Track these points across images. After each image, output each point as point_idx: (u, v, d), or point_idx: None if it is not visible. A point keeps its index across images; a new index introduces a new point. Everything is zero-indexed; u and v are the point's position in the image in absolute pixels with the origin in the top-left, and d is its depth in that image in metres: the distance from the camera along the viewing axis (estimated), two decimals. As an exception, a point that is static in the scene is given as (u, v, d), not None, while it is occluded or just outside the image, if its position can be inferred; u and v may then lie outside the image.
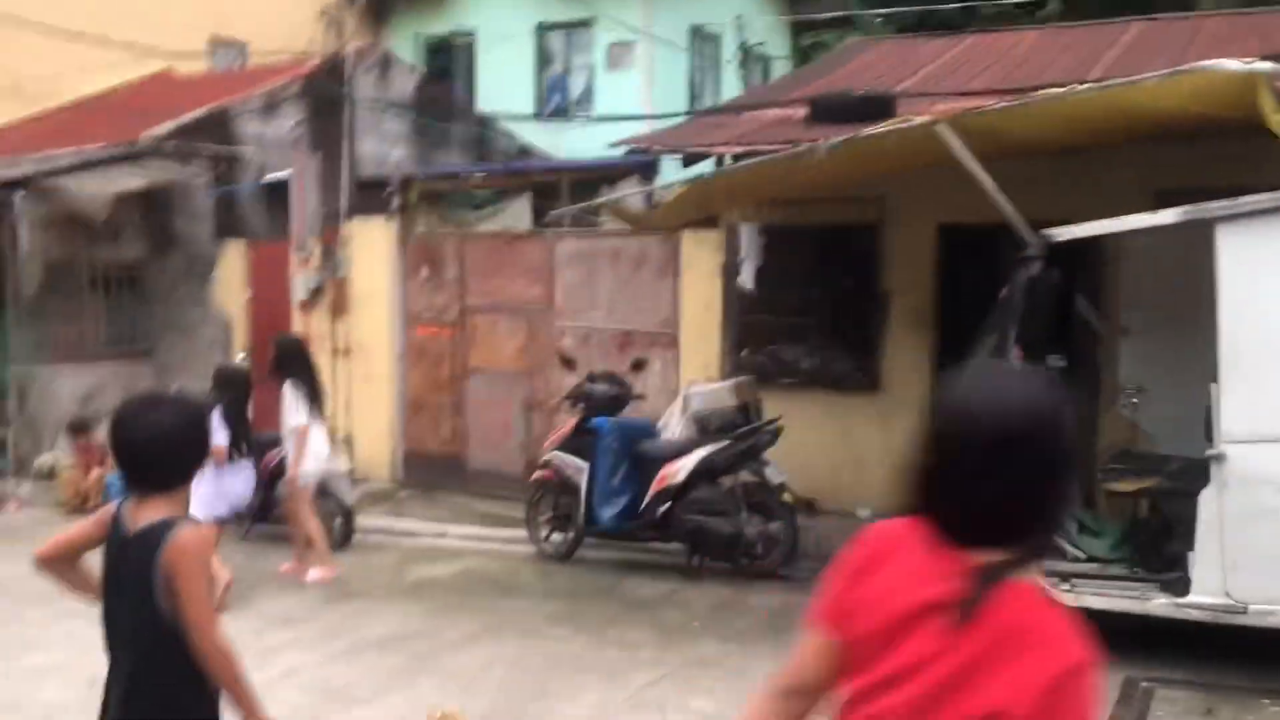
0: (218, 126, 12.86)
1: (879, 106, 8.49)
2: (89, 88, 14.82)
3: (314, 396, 8.01)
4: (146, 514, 2.91)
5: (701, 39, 17.32)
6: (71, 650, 6.47)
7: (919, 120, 6.35)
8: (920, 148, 6.38)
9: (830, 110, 8.93)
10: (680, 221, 8.78)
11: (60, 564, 3.08)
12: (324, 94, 11.76)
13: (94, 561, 3.05)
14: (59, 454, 11.31)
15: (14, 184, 11.28)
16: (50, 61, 14.25)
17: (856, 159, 6.76)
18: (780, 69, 18.52)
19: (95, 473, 10.66)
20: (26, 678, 6.01)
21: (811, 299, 9.30)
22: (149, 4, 15.79)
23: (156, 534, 2.83)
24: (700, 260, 9.51)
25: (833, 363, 9.24)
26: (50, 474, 11.10)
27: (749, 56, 17.96)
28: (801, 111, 9.49)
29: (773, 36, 19.12)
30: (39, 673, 6.09)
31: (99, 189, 11.29)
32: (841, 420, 9.09)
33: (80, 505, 10.63)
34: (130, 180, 11.64)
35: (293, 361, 8.03)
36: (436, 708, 5.25)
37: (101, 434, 11.04)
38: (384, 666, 6.03)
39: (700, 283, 9.52)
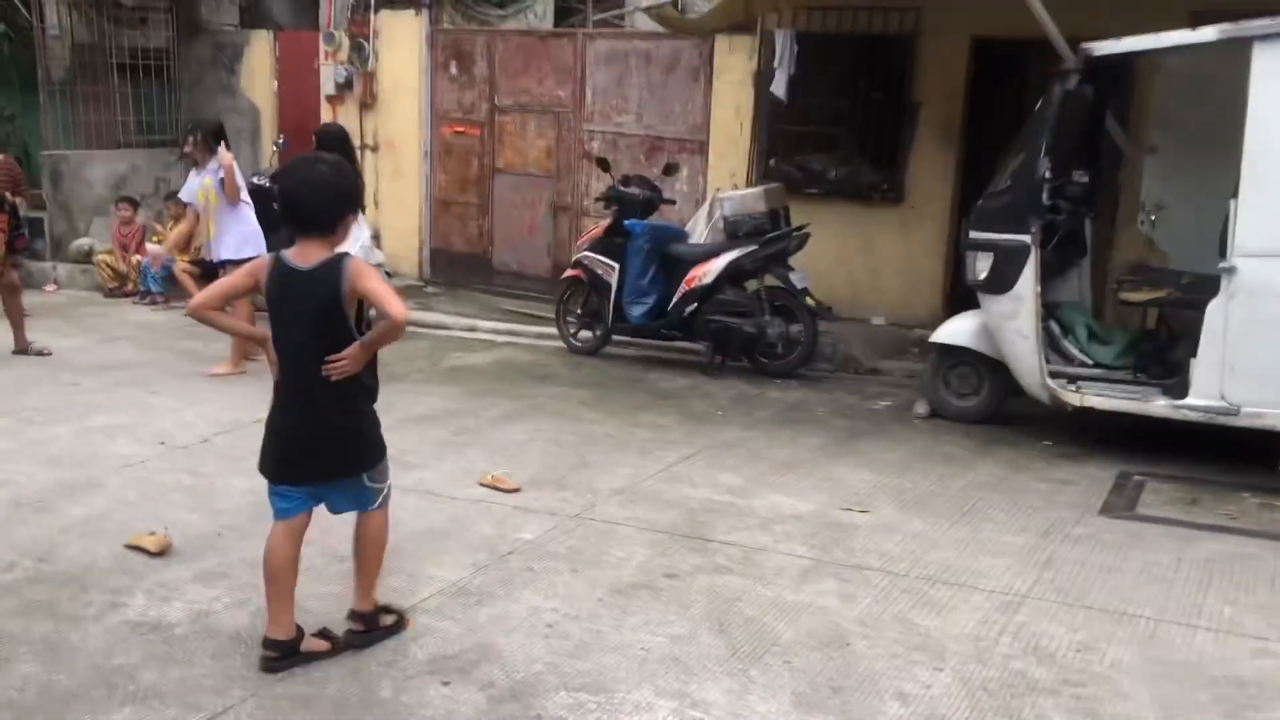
0: (241, -90, 12.59)
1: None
2: None
3: None
4: (313, 254, 3.55)
5: None
6: (133, 413, 6.93)
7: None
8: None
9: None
10: (724, 23, 8.75)
11: (214, 310, 3.72)
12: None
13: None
14: (94, 239, 11.59)
15: (40, -39, 11.16)
16: None
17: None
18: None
19: (133, 258, 10.96)
20: (98, 435, 6.45)
21: (842, 109, 9.38)
22: None
23: (335, 262, 3.54)
24: (733, 66, 9.54)
25: (859, 174, 9.40)
26: (87, 257, 11.40)
27: None
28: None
29: None
30: (107, 431, 6.53)
31: (126, -30, 11.17)
32: (864, 231, 9.33)
33: (119, 288, 11.00)
34: (155, -39, 11.49)
35: (336, 151, 8.20)
36: (487, 472, 5.73)
37: (143, 215, 11.31)
38: (431, 438, 6.46)
39: (732, 89, 9.57)
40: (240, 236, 7.94)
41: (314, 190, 3.53)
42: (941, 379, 7.13)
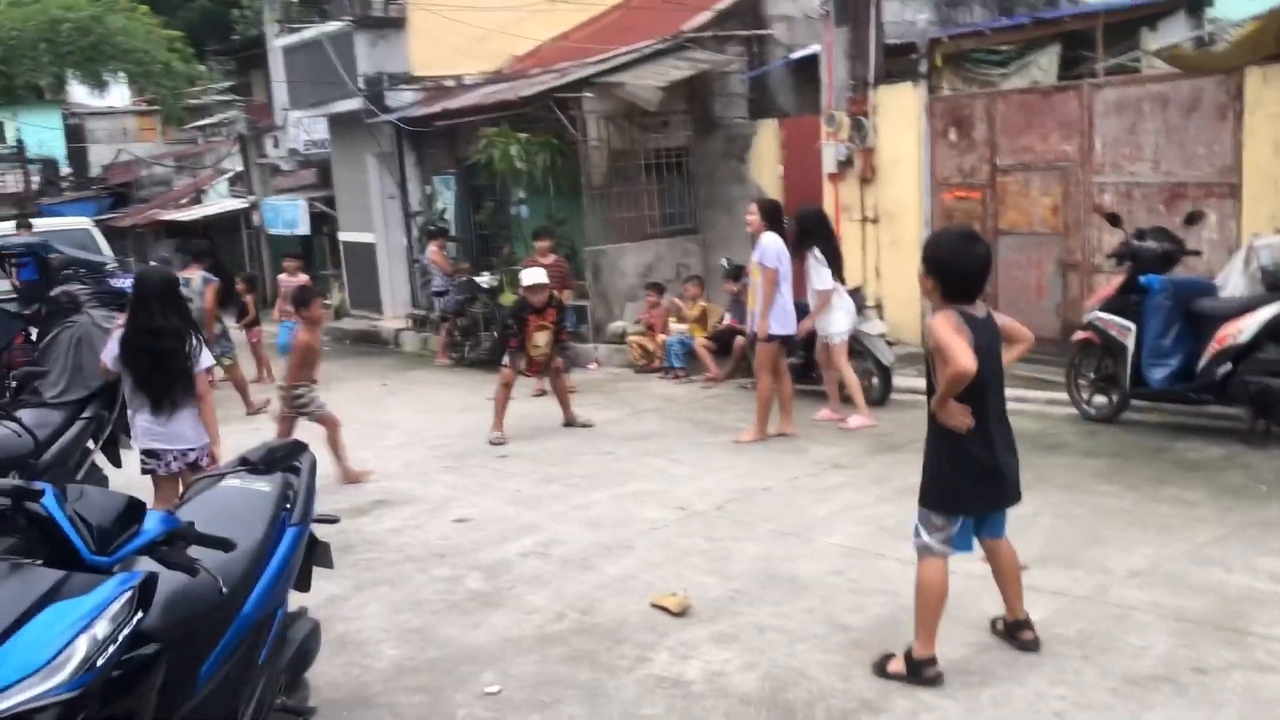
0: (749, 10, 13.59)
1: None
2: (633, -11, 16.29)
3: (835, 263, 8.78)
4: (980, 309, 4.24)
5: None
6: (658, 480, 7.62)
7: None
8: None
9: None
10: (1249, 60, 7.92)
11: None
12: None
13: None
14: (626, 322, 12.95)
15: (581, 84, 12.83)
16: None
17: None
18: None
19: (659, 338, 12.10)
20: (629, 500, 7.18)
21: None
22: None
23: (989, 312, 4.30)
24: (1270, 99, 8.56)
25: None
26: (621, 338, 12.76)
27: None
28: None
29: None
30: (637, 497, 7.25)
31: (651, 81, 12.49)
32: None
33: (647, 364, 12.16)
34: (676, 71, 12.73)
35: (815, 231, 8.67)
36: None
37: (667, 298, 12.46)
38: (933, 509, 6.41)
39: (1268, 124, 8.58)
40: (784, 314, 8.41)
41: (988, 261, 4.23)
42: None
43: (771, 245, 8.29)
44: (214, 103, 34.13)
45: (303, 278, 13.85)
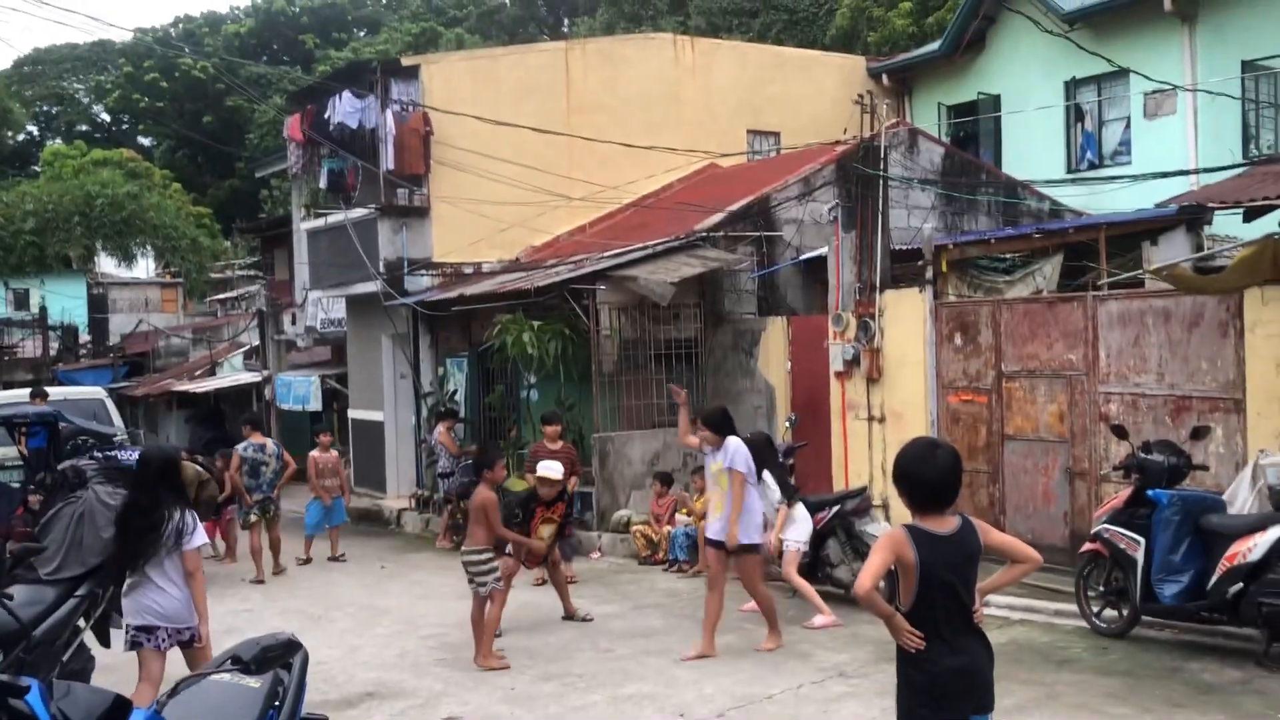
0: (760, 213, 14.07)
1: None
2: (649, 188, 16.92)
3: (784, 483, 9.49)
4: (947, 523, 4.14)
5: (1256, 75, 15.82)
6: (659, 683, 7.41)
7: None
8: None
9: None
10: (1246, 284, 8.14)
11: (875, 592, 4.18)
12: (858, 175, 12.42)
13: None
14: (632, 510, 12.87)
15: (595, 276, 13.17)
16: (618, 171, 16.55)
17: None
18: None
19: (665, 529, 11.99)
20: (628, 704, 6.96)
21: None
22: (694, 111, 17.81)
23: (970, 525, 4.19)
24: (1268, 319, 8.72)
25: None
26: (625, 527, 12.65)
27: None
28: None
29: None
30: (636, 700, 7.03)
31: (663, 277, 12.82)
32: None
33: (650, 555, 12.02)
34: (688, 268, 13.07)
35: (764, 454, 9.12)
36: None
37: (675, 489, 12.41)
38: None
39: (1270, 342, 8.72)
40: (753, 523, 8.24)
41: (951, 472, 4.15)
42: None
43: (741, 450, 8.15)
44: (236, 278, 35.07)
45: (334, 453, 13.95)
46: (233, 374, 24.47)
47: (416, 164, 16.13)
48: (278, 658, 3.87)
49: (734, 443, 8.20)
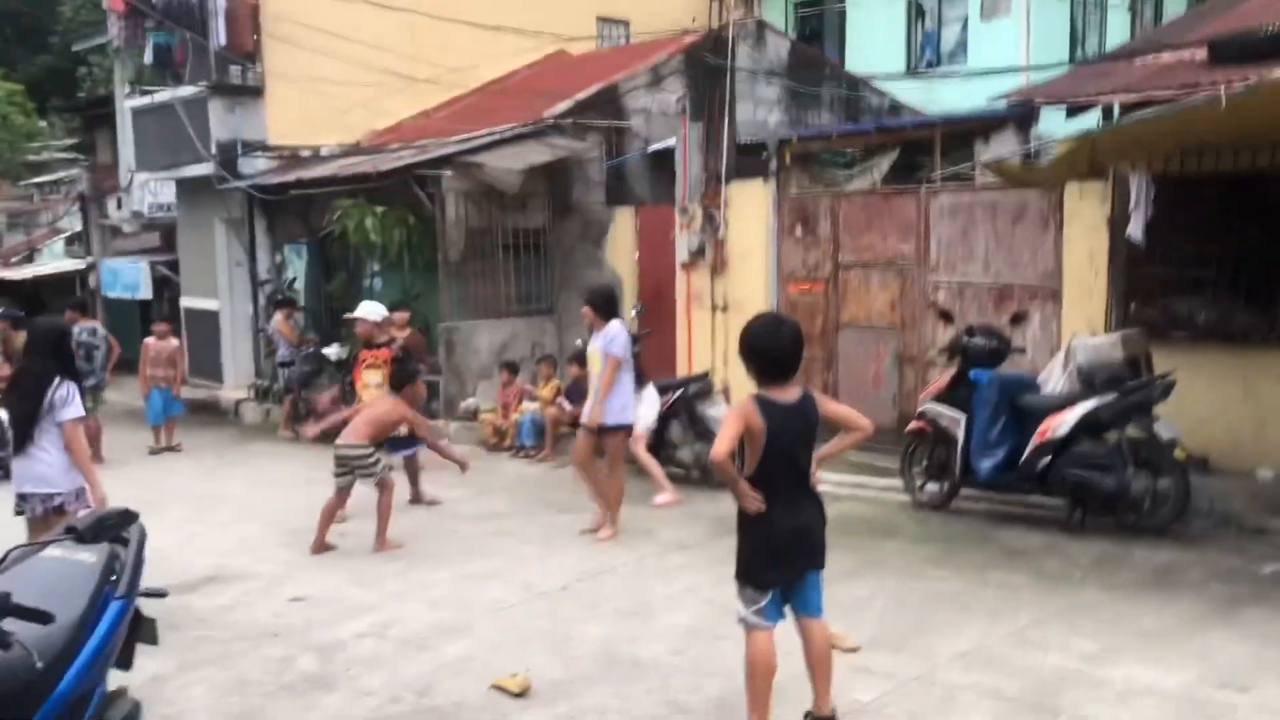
0: (608, 101, 13.96)
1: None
2: (496, 72, 16.54)
3: (637, 360, 8.88)
4: (790, 393, 4.36)
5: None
6: (505, 561, 7.55)
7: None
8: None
9: (1233, 51, 8.38)
10: (1066, 177, 8.58)
11: (730, 462, 4.35)
12: (706, 67, 12.43)
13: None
14: (479, 399, 12.88)
15: (441, 162, 12.90)
16: (464, 53, 16.09)
17: (1266, 106, 6.38)
18: (1174, 8, 17.21)
19: (512, 416, 12.05)
20: (471, 581, 7.09)
21: (1209, 250, 8.80)
22: (544, -7, 17.35)
23: (810, 396, 4.44)
24: (1084, 212, 9.25)
25: (1233, 316, 8.71)
26: (474, 415, 12.66)
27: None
28: (1200, 54, 8.95)
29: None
30: (481, 577, 7.16)
31: (511, 164, 12.65)
32: (1242, 376, 8.57)
33: (498, 443, 12.09)
34: (536, 155, 12.93)
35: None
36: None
37: (521, 378, 12.45)
38: (773, 592, 6.54)
39: (1084, 235, 9.27)
40: (621, 404, 8.19)
41: (794, 343, 4.37)
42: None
43: (621, 334, 8.15)
44: (54, 160, 32.83)
45: (174, 342, 13.41)
46: (53, 260, 23.10)
47: (249, 40, 15.33)
48: (113, 527, 3.79)
49: (615, 326, 8.14)
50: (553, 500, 9.46)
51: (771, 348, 4.35)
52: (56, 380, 6.15)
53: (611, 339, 8.10)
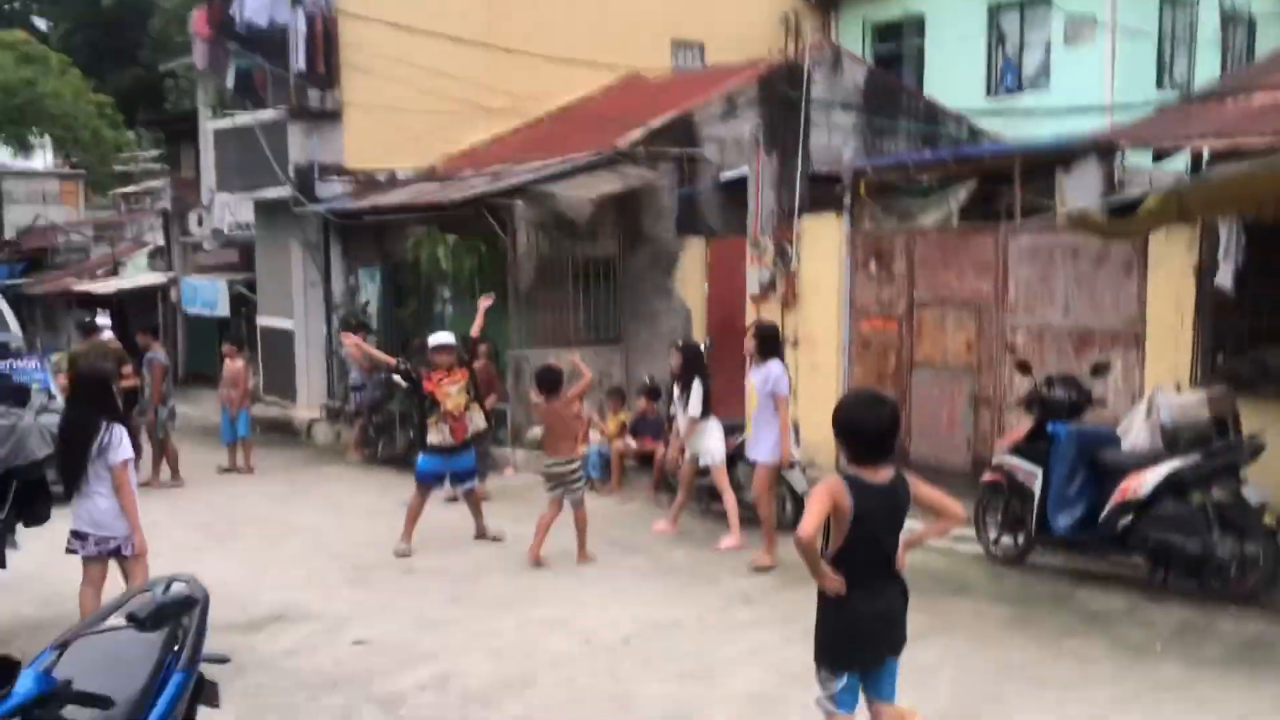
0: (682, 129, 13.89)
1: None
2: (570, 97, 16.58)
3: (708, 396, 9.31)
4: (882, 474, 4.18)
5: (1174, 5, 15.97)
6: (568, 606, 7.49)
7: None
8: None
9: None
10: (1152, 229, 8.30)
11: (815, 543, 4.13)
12: (780, 96, 12.31)
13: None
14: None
15: (513, 192, 12.93)
16: (537, 79, 16.15)
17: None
18: (1267, 40, 16.63)
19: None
20: (534, 628, 7.04)
21: (1302, 301, 8.45)
22: (616, 19, 17.30)
23: (903, 478, 4.24)
24: (1171, 258, 8.94)
25: (1327, 371, 8.35)
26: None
27: (1231, 19, 16.23)
28: (1298, 94, 8.60)
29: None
30: (543, 624, 7.11)
31: (583, 193, 12.63)
32: (1336, 435, 8.20)
33: (564, 474, 12.03)
34: (608, 185, 12.90)
35: (697, 365, 9.38)
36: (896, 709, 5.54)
37: (588, 407, 12.42)
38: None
39: (1170, 281, 8.95)
40: (774, 441, 8.54)
41: (892, 425, 4.23)
42: None
43: (784, 375, 8.54)
44: (140, 171, 33.70)
45: (239, 363, 13.65)
46: (137, 274, 23.65)
47: (327, 66, 15.55)
48: (174, 615, 3.78)
49: (776, 367, 8.55)
50: (616, 539, 9.38)
51: (868, 428, 4.19)
52: (103, 425, 6.36)
53: (776, 379, 8.48)
